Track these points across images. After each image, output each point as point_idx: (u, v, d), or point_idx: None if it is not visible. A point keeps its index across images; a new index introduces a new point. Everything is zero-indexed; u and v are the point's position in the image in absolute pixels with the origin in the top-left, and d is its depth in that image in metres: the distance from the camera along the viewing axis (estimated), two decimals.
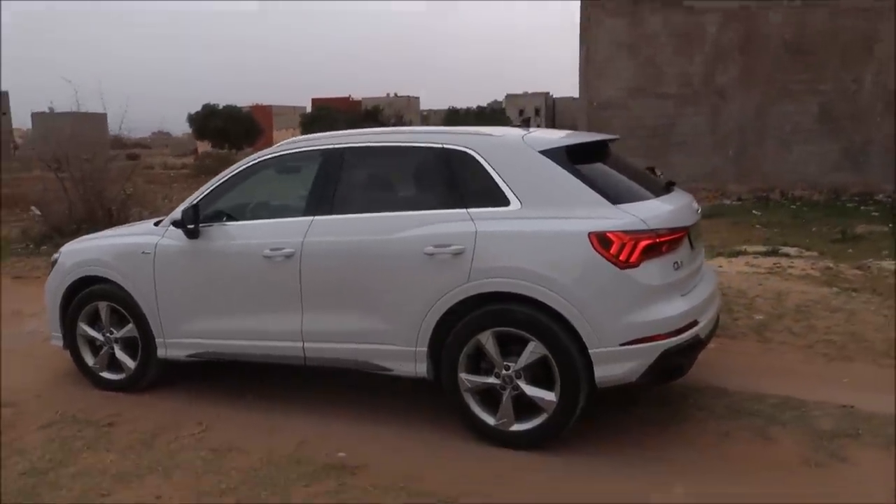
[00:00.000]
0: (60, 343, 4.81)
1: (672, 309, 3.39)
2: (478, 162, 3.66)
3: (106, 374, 4.67)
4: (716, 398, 4.05)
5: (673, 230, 3.48)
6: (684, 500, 3.07)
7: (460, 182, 3.70)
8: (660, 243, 3.38)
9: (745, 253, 8.30)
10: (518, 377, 3.51)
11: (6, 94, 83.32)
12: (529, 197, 3.55)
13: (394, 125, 62.65)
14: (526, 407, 3.53)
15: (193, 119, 69.80)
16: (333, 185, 3.99)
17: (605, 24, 14.80)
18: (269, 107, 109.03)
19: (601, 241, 3.31)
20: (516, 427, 3.55)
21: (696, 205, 4.01)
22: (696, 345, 3.52)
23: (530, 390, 3.49)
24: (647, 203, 3.57)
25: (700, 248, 4.06)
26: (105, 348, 4.65)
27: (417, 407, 3.98)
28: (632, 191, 3.69)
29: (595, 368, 3.35)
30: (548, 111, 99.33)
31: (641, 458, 3.44)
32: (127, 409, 4.27)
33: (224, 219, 4.27)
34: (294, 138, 4.42)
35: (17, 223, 11.97)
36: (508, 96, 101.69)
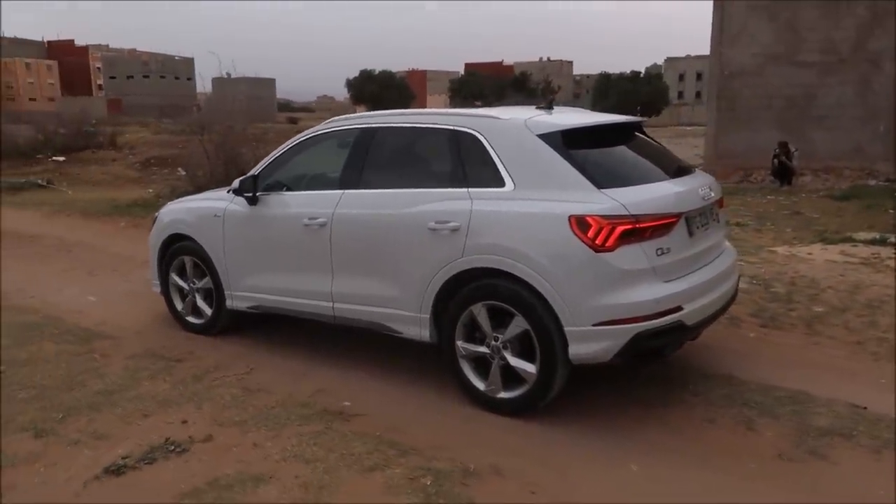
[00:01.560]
0: (158, 289, 5.67)
1: (648, 293, 3.47)
2: (482, 144, 3.90)
3: (190, 319, 5.45)
4: (718, 386, 4.06)
5: (658, 216, 3.53)
6: (636, 477, 3.20)
7: (466, 162, 3.95)
8: (640, 229, 3.46)
9: (850, 240, 7.75)
10: (505, 348, 3.76)
11: (192, 59, 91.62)
12: (523, 179, 3.74)
13: (542, 91, 62.01)
14: (513, 376, 3.79)
15: (351, 84, 73.21)
16: (362, 160, 4.40)
17: None
18: (424, 72, 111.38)
19: (580, 224, 3.45)
20: (503, 394, 3.82)
21: (707, 190, 3.97)
22: (678, 330, 3.57)
23: (514, 361, 3.74)
24: (637, 188, 3.64)
25: (713, 231, 4.04)
26: (189, 296, 5.43)
27: (428, 368, 4.33)
28: (627, 175, 3.75)
29: (570, 345, 3.52)
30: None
31: (616, 434, 3.58)
32: (198, 349, 5.00)
33: (281, 188, 4.82)
34: (338, 117, 4.85)
35: (169, 182, 13.56)
36: (668, 59, 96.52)
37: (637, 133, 4.42)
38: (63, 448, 3.42)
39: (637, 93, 64.36)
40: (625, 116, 4.46)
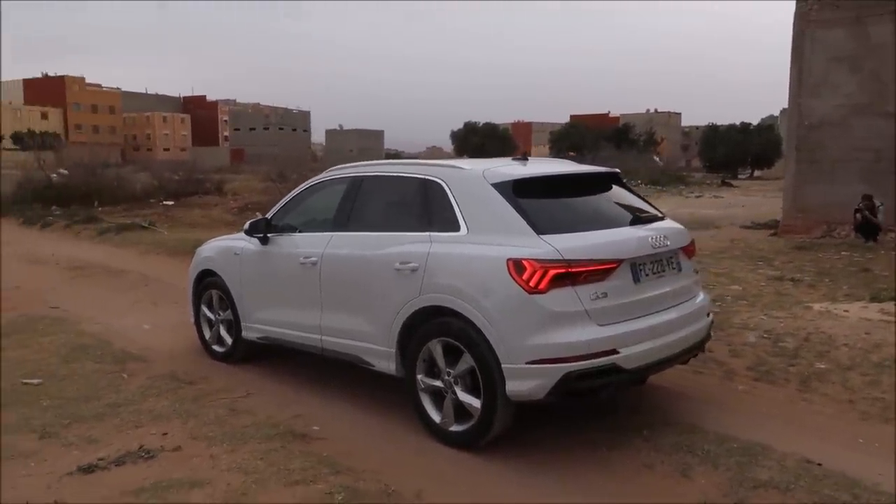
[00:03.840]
0: (192, 319, 6.27)
1: (580, 335, 3.60)
2: (444, 191, 4.20)
3: (215, 347, 5.99)
4: (674, 434, 4.06)
5: (593, 262, 3.68)
6: None
7: (431, 209, 4.26)
8: (574, 273, 3.63)
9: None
10: (456, 383, 3.98)
11: (308, 113, 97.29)
12: (475, 224, 4.00)
13: (643, 143, 61.23)
14: (463, 411, 3.98)
15: (455, 136, 75.24)
16: (350, 205, 4.80)
17: (821, 37, 13.49)
18: (529, 124, 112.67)
19: (517, 266, 3.66)
20: (454, 427, 4.02)
21: (661, 240, 4.04)
22: (612, 372, 3.66)
23: (462, 396, 3.94)
24: (578, 234, 3.81)
25: (670, 279, 4.10)
26: (215, 327, 5.98)
27: (404, 401, 4.58)
28: (573, 222, 3.93)
29: (506, 382, 3.70)
30: None
31: (553, 472, 3.69)
32: (214, 374, 5.49)
33: (289, 230, 5.30)
34: (337, 166, 5.30)
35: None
36: (784, 111, 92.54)
37: (612, 183, 4.59)
38: (57, 448, 3.94)
39: (747, 144, 62.12)
40: (594, 168, 4.65)
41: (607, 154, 33.61)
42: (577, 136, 62.59)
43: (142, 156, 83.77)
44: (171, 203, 21.05)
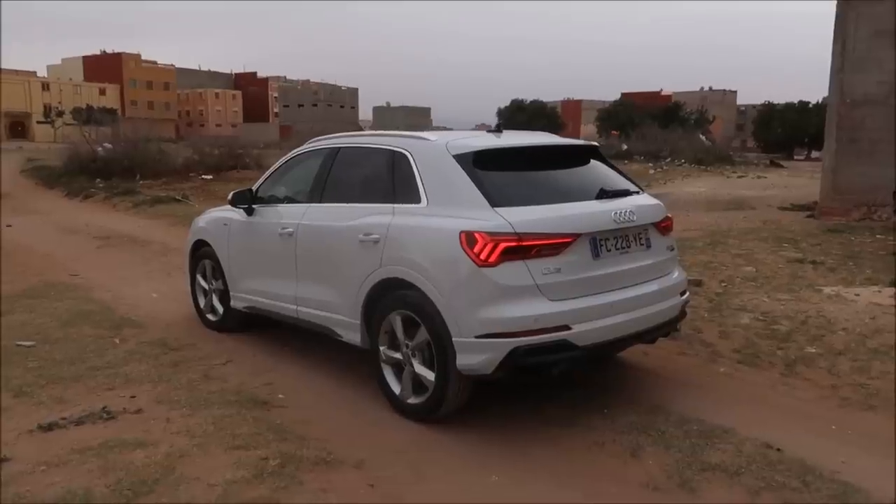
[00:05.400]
0: (189, 289, 6.40)
1: (528, 310, 3.53)
2: (409, 163, 4.15)
3: (209, 316, 6.10)
4: (633, 414, 3.97)
5: (546, 235, 3.59)
6: (489, 486, 3.27)
7: (396, 180, 4.22)
8: (525, 247, 3.55)
9: None
10: (413, 356, 3.96)
11: (356, 90, 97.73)
12: (434, 196, 3.95)
13: (695, 121, 59.56)
14: (420, 384, 3.97)
15: (501, 113, 74.57)
16: (326, 176, 4.80)
17: (865, 10, 12.80)
18: (579, 102, 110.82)
19: (468, 239, 3.60)
20: (412, 400, 4.01)
21: (627, 214, 3.90)
22: (563, 348, 3.58)
23: (419, 368, 3.93)
24: (534, 208, 3.71)
25: (636, 255, 3.99)
26: (209, 296, 6.09)
27: (372, 374, 4.59)
28: (531, 195, 3.83)
29: (457, 356, 3.66)
30: None
31: (503, 448, 3.64)
32: (202, 342, 5.60)
33: (273, 201, 5.33)
34: (315, 138, 5.30)
35: None
36: None
37: (589, 157, 4.46)
38: (28, 407, 4.09)
39: (805, 124, 59.82)
40: (569, 140, 4.53)
41: (650, 132, 32.78)
42: (626, 114, 61.24)
43: (194, 131, 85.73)
44: (209, 177, 21.51)
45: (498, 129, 4.50)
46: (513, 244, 3.54)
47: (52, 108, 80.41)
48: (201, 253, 6.10)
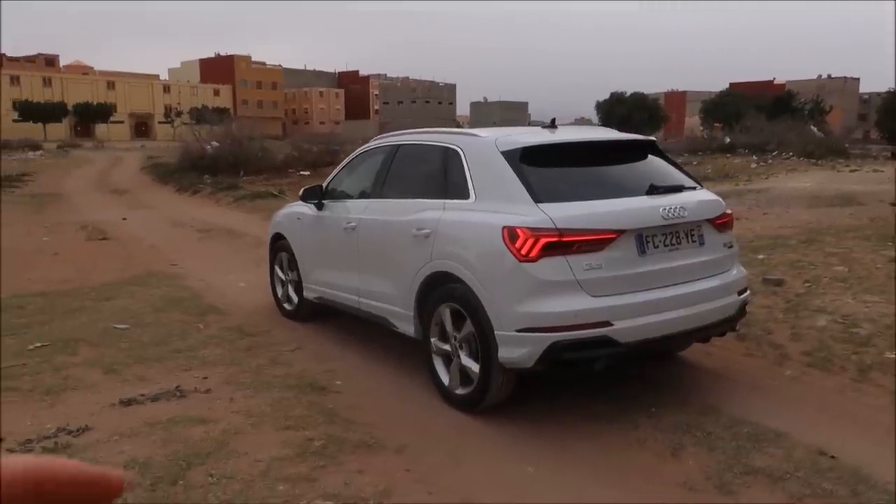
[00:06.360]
0: (269, 279, 6.77)
1: (568, 305, 3.54)
2: (460, 159, 4.25)
3: (286, 305, 6.45)
4: (682, 413, 3.90)
5: (588, 231, 3.59)
6: (524, 478, 3.33)
7: (449, 176, 4.33)
8: (566, 242, 3.56)
9: None
10: (461, 348, 4.07)
11: (454, 86, 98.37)
12: (483, 192, 4.03)
13: (809, 112, 55.98)
14: (468, 375, 4.07)
15: (599, 106, 73.03)
16: (386, 173, 4.97)
17: None
18: (684, 93, 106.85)
19: (511, 234, 3.66)
20: (459, 391, 4.12)
21: (677, 210, 3.83)
22: (604, 344, 3.57)
23: (465, 360, 4.03)
24: (578, 204, 3.72)
25: (687, 252, 3.91)
26: (285, 286, 6.44)
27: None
28: (577, 191, 3.83)
29: (498, 349, 3.73)
30: None
31: (546, 442, 3.68)
32: (277, 329, 5.94)
33: (342, 197, 5.57)
34: (381, 135, 5.47)
35: None
36: None
37: (646, 152, 4.40)
38: (114, 383, 4.50)
39: None
40: (624, 135, 4.48)
41: (755, 124, 31.11)
42: (733, 105, 58.43)
43: (299, 129, 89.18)
44: (307, 173, 22.39)
45: (552, 125, 4.52)
46: (553, 239, 3.57)
47: (172, 109, 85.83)
48: (279, 245, 6.45)
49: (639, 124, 69.16)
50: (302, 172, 22.48)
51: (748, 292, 4.33)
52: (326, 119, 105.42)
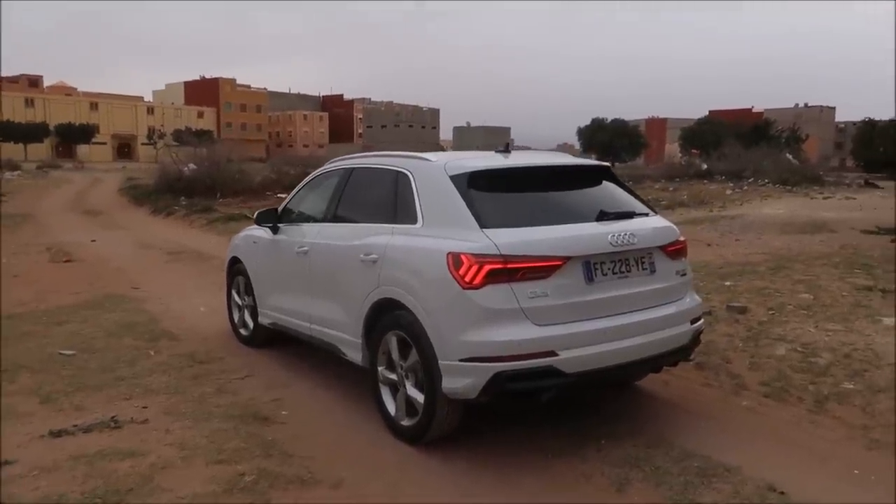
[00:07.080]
0: (226, 304, 6.61)
1: (512, 334, 3.44)
2: (410, 184, 4.16)
3: (241, 331, 6.28)
4: (632, 446, 3.78)
5: (533, 258, 3.50)
6: None
7: (398, 200, 4.23)
8: (510, 269, 3.47)
9: None
10: (407, 377, 3.94)
11: (438, 110, 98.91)
12: (429, 217, 3.94)
13: (786, 140, 56.85)
14: (413, 406, 3.93)
15: (581, 132, 73.67)
16: (339, 196, 4.87)
17: None
18: (664, 120, 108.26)
19: (455, 261, 3.56)
20: (405, 422, 3.98)
21: (626, 237, 3.75)
22: (549, 375, 3.46)
23: (411, 390, 3.90)
24: (523, 230, 3.63)
25: (637, 279, 3.83)
26: (241, 311, 6.28)
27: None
28: (524, 217, 3.74)
29: (443, 379, 3.61)
30: None
31: (486, 474, 3.56)
32: (231, 356, 5.77)
33: (297, 220, 5.45)
34: (334, 159, 5.38)
35: None
36: None
37: (600, 178, 4.34)
38: (49, 413, 4.32)
39: None
40: (577, 161, 4.43)
41: (731, 151, 31.52)
42: (711, 132, 59.24)
43: (283, 151, 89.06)
44: (284, 195, 22.25)
45: (507, 149, 4.45)
46: (498, 266, 3.47)
47: (155, 131, 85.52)
48: (236, 269, 6.31)
49: (619, 150, 69.92)
50: (279, 195, 22.31)
51: (702, 321, 4.26)
52: (310, 142, 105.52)
